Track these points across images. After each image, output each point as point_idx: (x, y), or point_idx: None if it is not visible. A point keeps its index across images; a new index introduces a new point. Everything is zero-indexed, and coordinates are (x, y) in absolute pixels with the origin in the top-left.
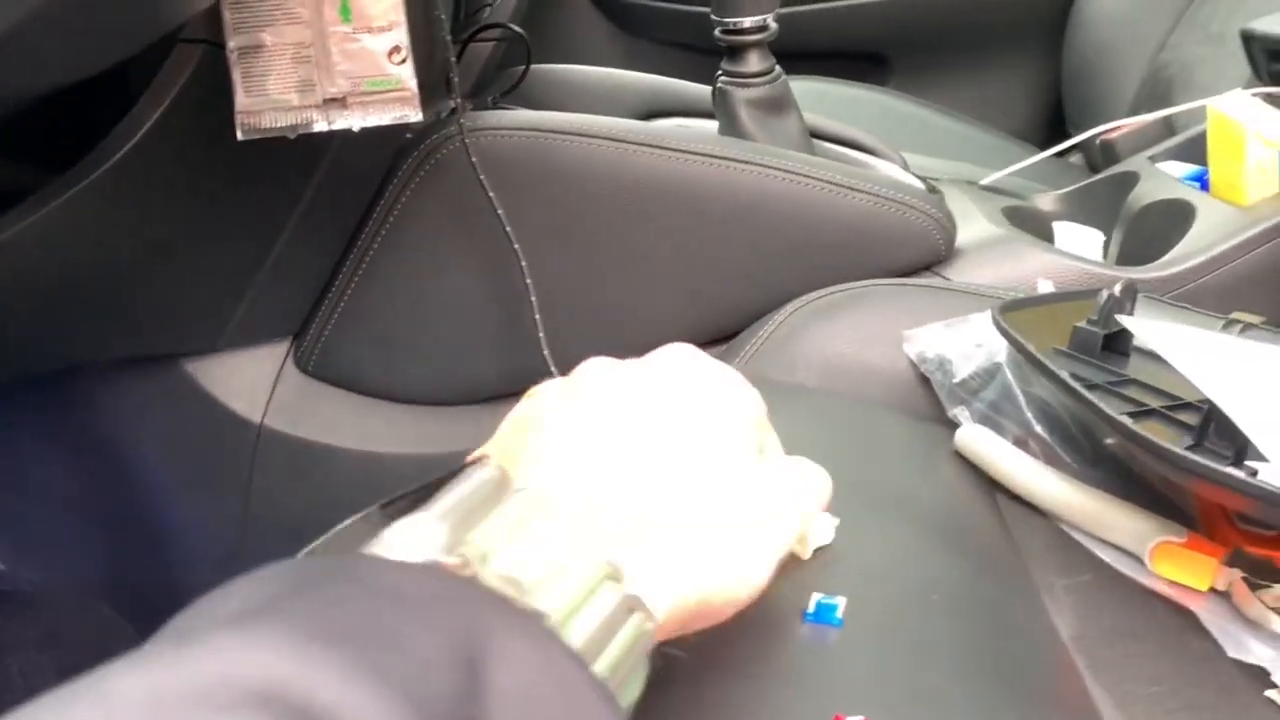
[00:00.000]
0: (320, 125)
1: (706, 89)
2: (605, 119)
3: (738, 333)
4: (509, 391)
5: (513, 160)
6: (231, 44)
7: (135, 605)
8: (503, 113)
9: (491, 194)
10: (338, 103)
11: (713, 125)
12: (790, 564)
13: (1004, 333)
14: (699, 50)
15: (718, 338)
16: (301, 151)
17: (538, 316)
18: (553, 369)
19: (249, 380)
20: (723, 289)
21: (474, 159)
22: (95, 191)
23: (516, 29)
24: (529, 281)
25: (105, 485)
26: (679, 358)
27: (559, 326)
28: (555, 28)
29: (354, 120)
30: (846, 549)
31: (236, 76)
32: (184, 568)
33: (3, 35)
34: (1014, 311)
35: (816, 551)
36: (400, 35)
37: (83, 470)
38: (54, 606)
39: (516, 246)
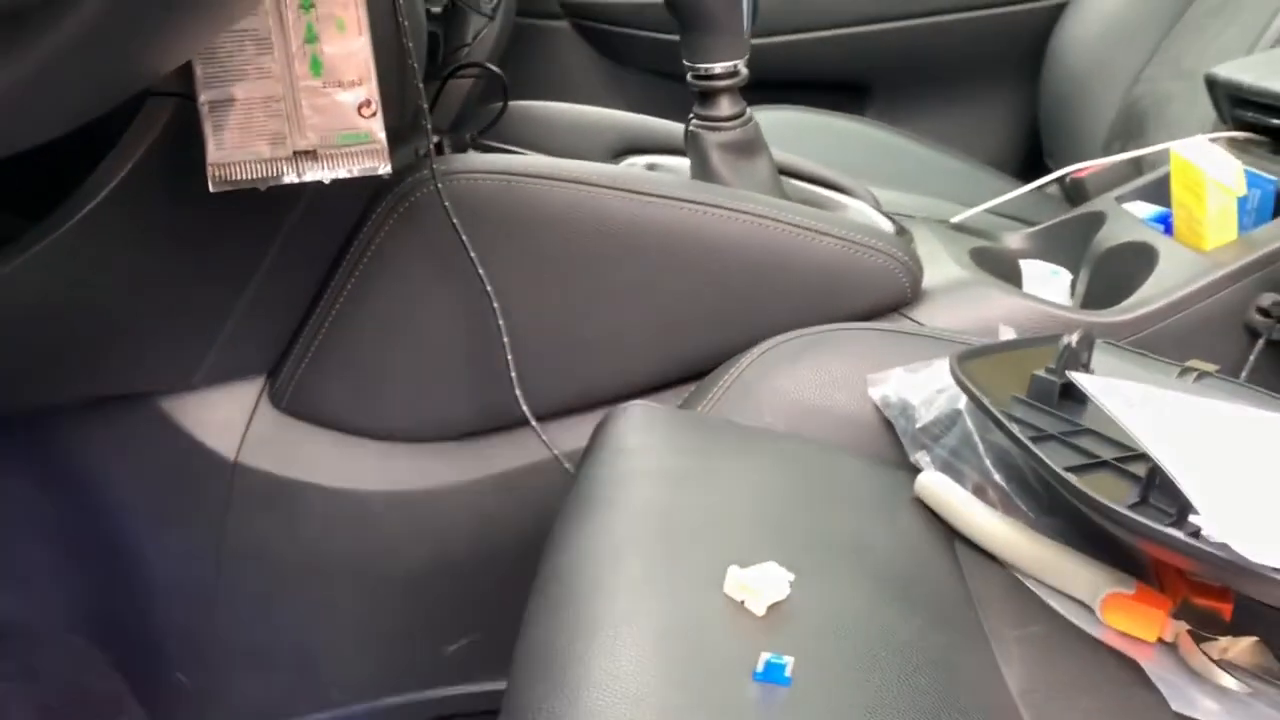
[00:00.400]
0: (290, 177)
1: (678, 126)
2: (577, 163)
3: (706, 372)
4: (482, 428)
5: (485, 203)
6: (203, 98)
7: (110, 638)
8: (475, 156)
9: (464, 236)
10: (308, 155)
11: (683, 163)
12: (742, 620)
13: (960, 383)
14: (680, 79)
15: (687, 377)
16: (275, 196)
17: (509, 356)
18: (524, 406)
19: (224, 417)
20: (692, 330)
21: (447, 202)
22: (70, 239)
23: (494, 68)
24: (501, 322)
25: (81, 520)
26: None
27: (531, 365)
28: (538, 56)
29: (324, 173)
30: (800, 604)
31: (208, 129)
32: (158, 601)
33: None
34: (973, 360)
35: (770, 608)
36: (371, 90)
37: (59, 505)
38: (30, 639)
39: (489, 288)
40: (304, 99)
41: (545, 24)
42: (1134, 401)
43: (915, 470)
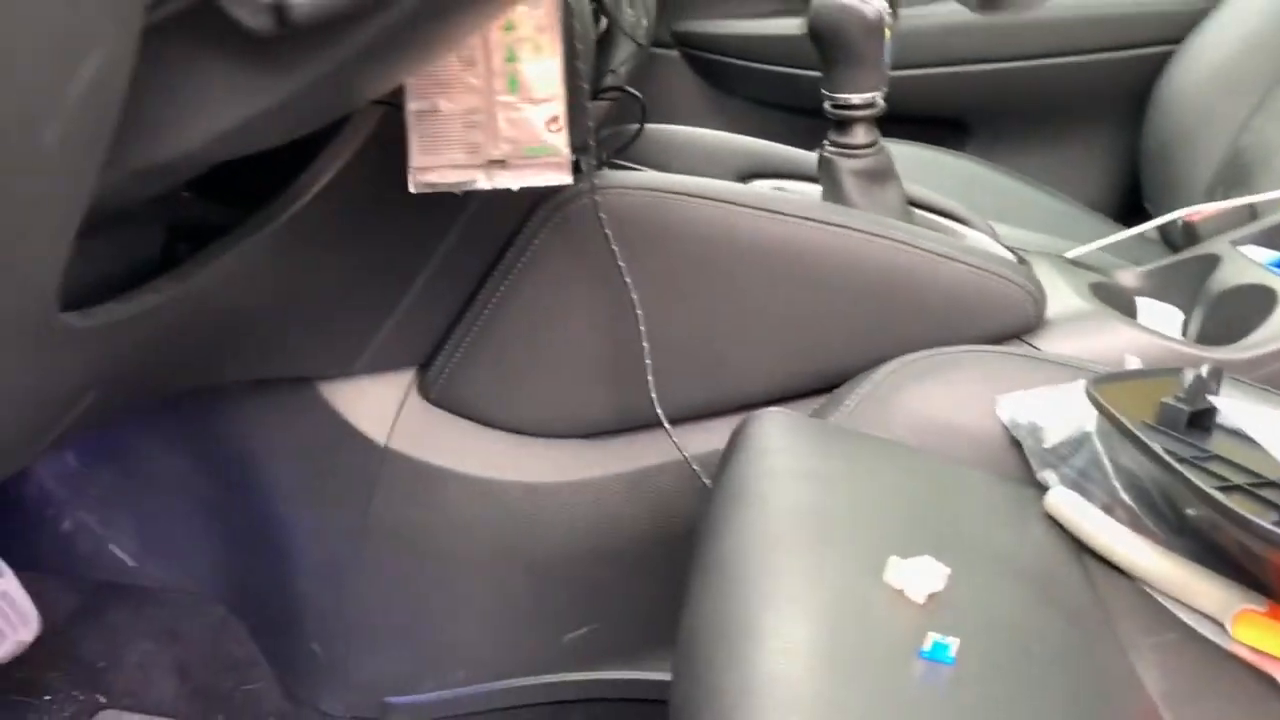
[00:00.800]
0: (483, 184)
1: (800, 153)
2: (721, 183)
3: (834, 387)
4: (614, 428)
5: (635, 217)
6: (411, 106)
7: (249, 607)
8: (628, 173)
9: (614, 247)
10: (499, 164)
11: (807, 188)
12: (902, 606)
13: (1097, 405)
14: (785, 108)
15: (813, 389)
16: (450, 199)
17: (648, 361)
18: (658, 410)
19: (376, 404)
20: (823, 346)
21: (602, 214)
22: (278, 234)
23: (635, 93)
24: (643, 329)
25: (234, 495)
26: None
27: (667, 371)
28: (649, 84)
29: (512, 181)
30: (955, 596)
31: (413, 136)
32: (300, 575)
33: (233, 129)
34: (1105, 385)
35: (929, 597)
36: (558, 107)
37: (215, 478)
38: (173, 604)
39: (634, 295)
40: (500, 113)
41: (657, 52)
42: (1271, 427)
43: (1041, 488)
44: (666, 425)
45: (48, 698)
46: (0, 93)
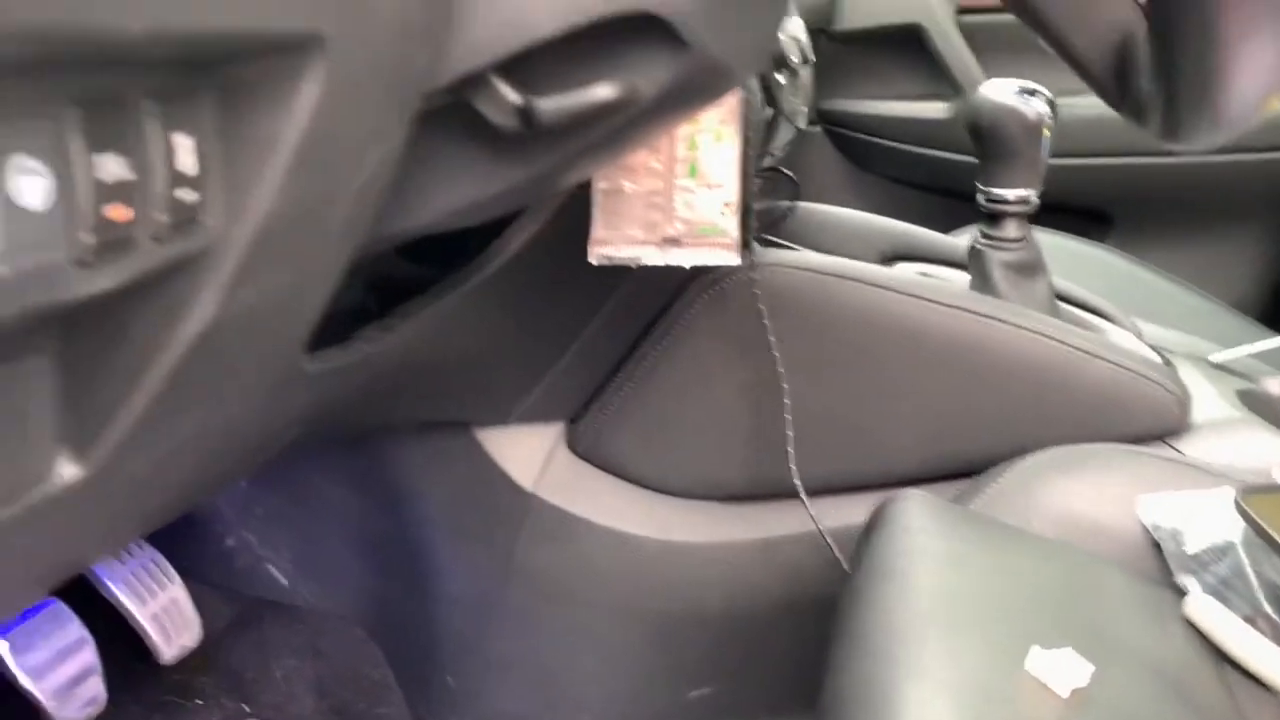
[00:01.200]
0: (657, 260)
1: (944, 238)
2: (873, 266)
3: (973, 472)
4: (750, 495)
5: (790, 294)
6: (599, 185)
7: (389, 633)
8: (783, 251)
9: (767, 322)
10: (673, 242)
11: (952, 274)
12: (1046, 697)
13: (1245, 516)
14: (921, 187)
15: (951, 474)
16: (616, 268)
17: (790, 434)
18: (797, 482)
19: (527, 452)
20: (965, 433)
21: (757, 290)
22: (471, 295)
23: (791, 175)
24: (787, 401)
25: (387, 526)
26: None
27: (807, 445)
28: (793, 159)
29: (685, 259)
30: (1096, 694)
31: (598, 213)
32: (442, 608)
33: (466, 206)
34: (1254, 497)
35: (1072, 692)
36: (732, 193)
37: (370, 511)
38: (319, 623)
39: (781, 370)
40: (677, 195)
41: (803, 129)
42: None
43: (1181, 591)
44: (805, 499)
45: (199, 702)
46: (307, 191)
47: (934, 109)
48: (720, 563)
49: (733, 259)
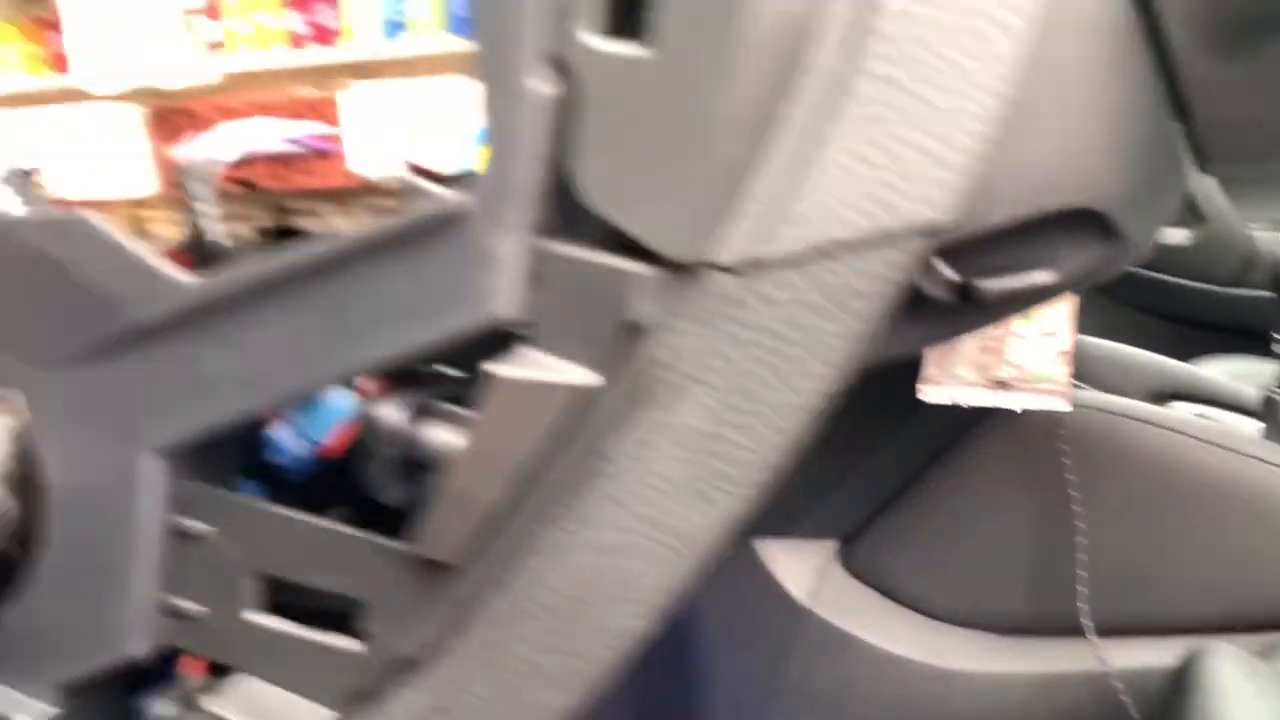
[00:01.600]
0: (987, 401)
1: (1213, 376)
2: (1174, 412)
3: (1265, 626)
4: (1028, 629)
5: (1088, 434)
6: None
7: None
8: (1079, 391)
9: (1066, 460)
10: (1003, 385)
11: (1231, 417)
12: None
13: None
14: (1164, 315)
15: (1245, 626)
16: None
17: (1083, 574)
18: (1087, 623)
19: (803, 568)
20: (1259, 586)
21: (1061, 430)
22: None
23: None
24: (1083, 541)
25: (663, 625)
26: None
27: (1095, 583)
28: None
29: (1015, 402)
30: None
31: (931, 353)
32: (706, 709)
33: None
34: None
35: None
36: (1065, 342)
37: None
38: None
39: (1078, 508)
40: (1011, 341)
41: None
42: None
43: None
44: (1093, 638)
45: None
46: None
47: (1177, 235)
48: (994, 693)
49: (1064, 405)
